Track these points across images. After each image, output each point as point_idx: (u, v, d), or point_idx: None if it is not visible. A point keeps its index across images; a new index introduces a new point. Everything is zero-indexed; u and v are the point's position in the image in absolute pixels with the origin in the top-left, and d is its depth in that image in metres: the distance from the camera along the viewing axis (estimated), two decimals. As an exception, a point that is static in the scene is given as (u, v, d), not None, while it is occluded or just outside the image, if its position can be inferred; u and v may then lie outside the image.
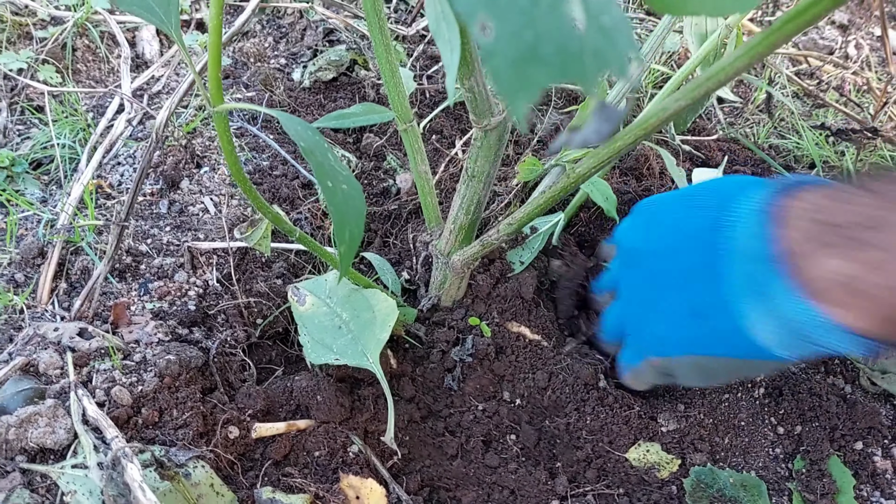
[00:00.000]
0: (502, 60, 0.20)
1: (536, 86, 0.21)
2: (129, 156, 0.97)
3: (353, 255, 0.62)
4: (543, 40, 0.20)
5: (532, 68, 0.21)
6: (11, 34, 1.08)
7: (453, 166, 1.03)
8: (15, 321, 0.77)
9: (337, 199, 0.56)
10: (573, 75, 0.21)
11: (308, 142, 0.55)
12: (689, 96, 0.47)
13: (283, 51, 1.15)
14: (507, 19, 0.20)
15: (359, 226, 0.60)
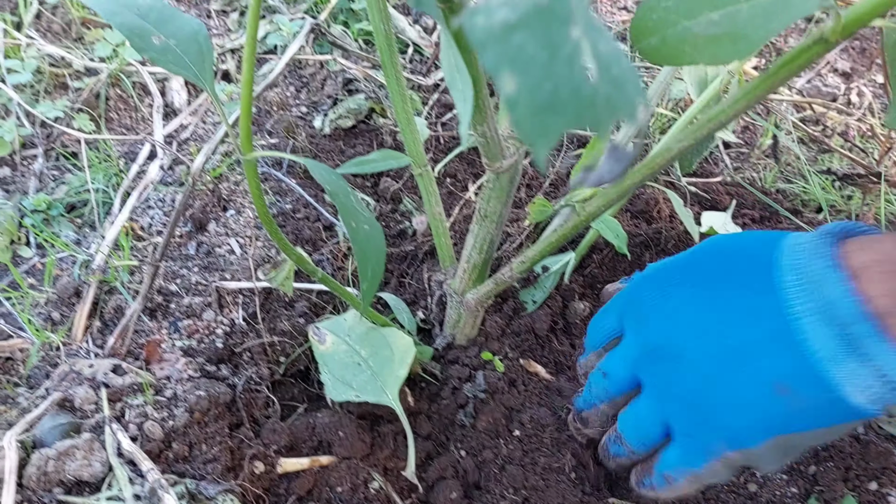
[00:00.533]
0: (524, 110, 0.23)
1: (555, 132, 0.23)
2: (158, 199, 1.01)
3: (375, 290, 0.65)
4: (561, 91, 0.23)
5: (551, 116, 0.23)
6: (49, 84, 1.13)
7: (467, 209, 1.07)
8: (51, 358, 0.81)
9: (360, 238, 0.60)
10: (588, 121, 0.24)
11: (333, 186, 0.59)
12: (692, 136, 0.50)
13: (304, 99, 1.20)
14: (528, 73, 0.23)
15: (380, 263, 0.63)
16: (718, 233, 0.98)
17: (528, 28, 0.23)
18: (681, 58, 0.34)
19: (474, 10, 0.22)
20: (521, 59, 0.23)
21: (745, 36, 0.32)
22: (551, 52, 0.23)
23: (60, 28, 1.23)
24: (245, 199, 1.03)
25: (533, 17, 0.23)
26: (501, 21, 0.23)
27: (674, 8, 0.33)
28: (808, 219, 1.06)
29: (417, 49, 1.28)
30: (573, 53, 0.23)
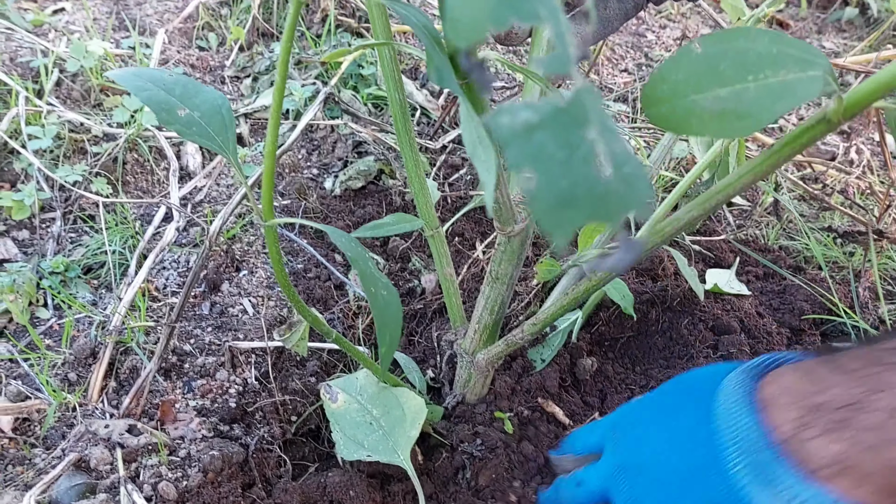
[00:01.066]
0: (543, 204, 0.25)
1: (572, 225, 0.25)
2: (173, 261, 1.04)
3: (393, 354, 0.67)
4: (577, 187, 0.25)
5: (568, 211, 0.25)
6: (68, 149, 1.17)
7: (475, 267, 1.09)
8: (68, 418, 0.82)
9: (378, 304, 0.61)
10: (601, 216, 0.25)
11: (353, 252, 0.61)
12: (700, 208, 0.52)
13: (315, 162, 1.23)
14: (547, 171, 0.25)
15: (397, 328, 0.65)
16: (723, 290, 1.00)
17: (549, 129, 0.25)
18: (688, 128, 0.37)
19: (499, 110, 0.25)
20: (542, 158, 0.25)
21: (751, 114, 0.34)
22: (569, 152, 0.25)
23: (80, 95, 1.27)
24: (258, 260, 1.05)
25: (553, 119, 0.25)
26: (524, 122, 0.25)
27: (683, 81, 0.35)
28: (812, 275, 1.08)
29: (425, 112, 1.32)
30: (589, 153, 0.25)
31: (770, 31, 0.36)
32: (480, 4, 0.24)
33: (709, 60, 0.35)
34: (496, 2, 0.24)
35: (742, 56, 0.35)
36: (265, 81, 1.35)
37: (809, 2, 1.95)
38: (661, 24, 1.76)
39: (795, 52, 0.35)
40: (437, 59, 0.45)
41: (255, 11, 1.46)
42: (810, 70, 0.35)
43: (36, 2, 1.58)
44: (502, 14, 0.24)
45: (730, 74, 0.35)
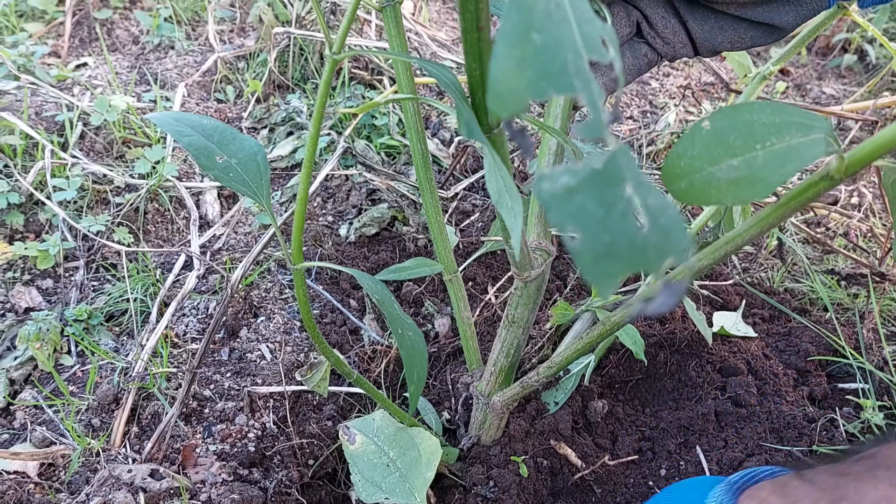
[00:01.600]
0: (586, 258, 0.27)
1: (615, 275, 0.27)
2: (193, 308, 1.07)
3: (421, 392, 0.69)
4: (617, 242, 0.27)
5: (610, 263, 0.27)
6: (91, 200, 1.21)
7: (487, 311, 1.11)
8: (91, 463, 0.84)
9: (406, 345, 0.64)
10: (641, 266, 0.27)
11: (380, 295, 0.64)
12: (710, 257, 0.55)
13: (330, 209, 1.27)
14: (589, 228, 0.27)
15: (423, 366, 0.68)
16: (729, 332, 1.02)
17: (587, 190, 0.27)
18: (708, 199, 0.39)
19: (541, 177, 0.27)
20: (582, 217, 0.27)
21: (762, 179, 0.37)
22: (607, 210, 0.27)
23: (103, 147, 1.32)
24: (275, 306, 1.08)
25: (590, 181, 0.27)
26: (564, 185, 0.27)
27: (699, 156, 0.38)
28: (817, 317, 1.09)
29: (436, 160, 1.35)
30: (626, 209, 0.28)
31: (772, 102, 0.39)
32: (521, 78, 0.27)
33: (718, 135, 0.38)
34: (535, 76, 0.27)
35: (748, 127, 0.38)
36: (281, 132, 1.39)
37: (809, 49, 1.99)
38: (664, 73, 1.80)
39: (797, 118, 0.38)
40: (465, 114, 0.48)
41: (271, 65, 1.51)
42: (812, 134, 0.38)
43: (59, 57, 1.64)
44: (541, 87, 0.27)
45: (739, 145, 0.38)
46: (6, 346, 1.00)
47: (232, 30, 1.75)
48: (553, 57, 0.27)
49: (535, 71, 0.27)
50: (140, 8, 1.80)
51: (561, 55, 0.27)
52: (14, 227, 1.16)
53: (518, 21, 0.27)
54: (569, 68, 0.27)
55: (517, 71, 0.27)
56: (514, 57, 0.27)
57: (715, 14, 0.61)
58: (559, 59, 0.27)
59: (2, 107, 1.31)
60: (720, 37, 0.62)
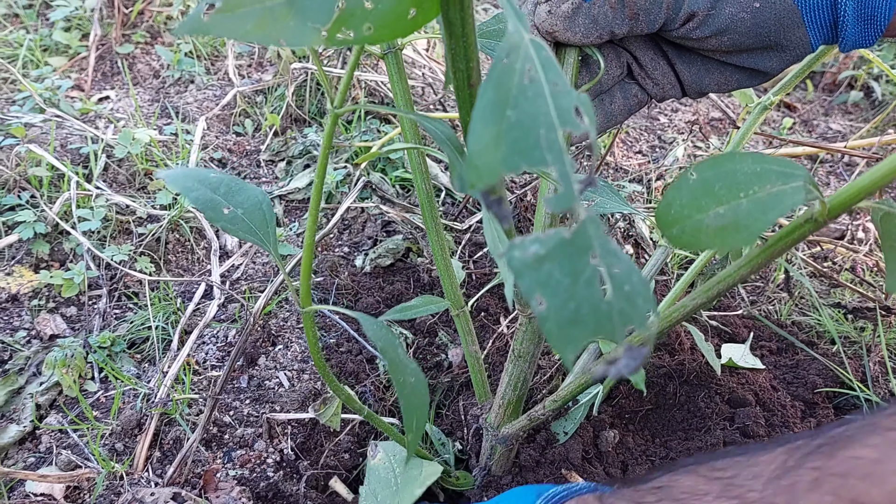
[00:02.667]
0: (552, 324, 0.28)
1: (579, 341, 0.28)
2: (212, 336, 1.09)
3: (419, 439, 0.71)
4: (582, 309, 0.28)
5: (575, 329, 0.28)
6: (114, 230, 1.24)
7: (499, 341, 1.13)
8: (115, 487, 0.86)
9: (406, 392, 0.66)
10: (604, 332, 0.29)
11: (383, 341, 0.66)
12: (704, 296, 0.58)
13: (346, 240, 1.30)
14: (556, 295, 0.28)
15: (423, 414, 0.69)
16: (737, 364, 1.04)
17: (555, 259, 0.29)
18: (699, 244, 0.42)
19: (512, 245, 0.29)
20: (550, 284, 0.29)
21: (747, 227, 0.39)
22: (574, 278, 0.29)
23: (125, 179, 1.36)
24: (292, 335, 1.10)
25: (558, 250, 0.29)
26: (533, 254, 0.29)
27: (688, 204, 0.41)
28: (824, 350, 1.11)
29: (449, 193, 1.39)
30: (591, 277, 0.29)
31: (752, 153, 0.42)
32: (495, 153, 0.28)
33: (705, 184, 0.41)
34: (509, 151, 0.28)
35: (731, 177, 0.40)
36: (299, 164, 1.43)
37: (816, 85, 2.03)
38: (672, 108, 1.84)
39: (777, 167, 0.41)
40: (459, 168, 0.50)
41: (288, 99, 1.55)
42: (792, 182, 0.40)
43: (83, 90, 1.69)
44: (514, 161, 0.28)
45: (724, 194, 0.40)
46: (32, 372, 1.02)
47: (250, 64, 1.80)
48: (526, 133, 0.28)
49: (509, 146, 0.28)
50: (161, 43, 1.85)
51: (534, 130, 0.28)
52: (39, 256, 1.20)
53: (493, 98, 0.29)
54: (541, 142, 0.28)
55: (492, 146, 0.28)
56: (490, 133, 0.28)
57: (702, 58, 0.64)
58: (532, 134, 0.28)
59: (29, 139, 1.35)
60: (707, 79, 0.65)
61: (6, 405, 0.98)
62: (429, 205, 0.76)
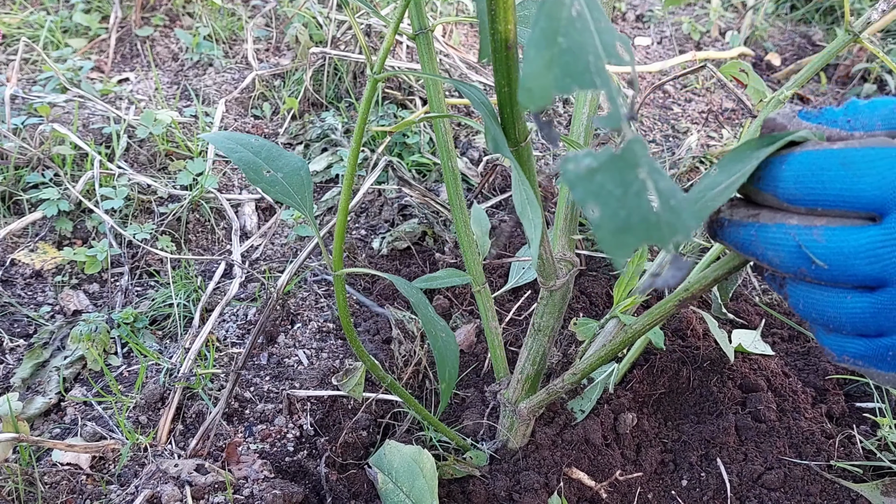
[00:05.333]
0: (605, 231, 0.31)
1: (630, 247, 0.31)
2: (232, 314, 1.11)
3: (453, 387, 0.73)
4: (633, 217, 0.31)
5: (626, 236, 0.31)
6: (136, 209, 1.26)
7: (512, 326, 1.15)
8: (139, 458, 0.88)
9: (439, 345, 0.68)
10: (654, 239, 0.31)
11: (416, 299, 0.68)
12: (726, 267, 0.59)
13: (363, 223, 1.32)
14: (608, 204, 0.31)
15: (454, 366, 0.72)
16: (747, 350, 1.05)
17: (607, 171, 0.31)
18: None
19: (566, 158, 0.32)
20: (602, 194, 0.31)
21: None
22: (624, 189, 0.31)
23: (146, 159, 1.38)
24: (311, 313, 1.12)
25: (609, 163, 0.31)
26: (586, 166, 0.31)
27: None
28: (835, 338, 1.12)
29: (465, 178, 1.40)
30: (641, 189, 0.31)
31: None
32: (548, 76, 0.31)
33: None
34: (561, 73, 0.31)
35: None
36: (316, 148, 1.45)
37: (829, 77, 2.03)
38: (686, 98, 1.85)
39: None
40: (493, 131, 0.52)
41: (307, 83, 1.57)
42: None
43: (103, 72, 1.70)
44: (566, 83, 0.31)
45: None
46: (56, 346, 1.05)
47: (268, 49, 1.81)
48: (577, 58, 0.31)
49: (561, 69, 0.30)
50: (180, 26, 1.87)
51: (584, 56, 0.31)
52: (63, 234, 1.22)
53: (546, 27, 0.31)
54: (591, 68, 0.30)
55: (545, 70, 0.30)
56: (543, 57, 0.31)
57: None
58: (582, 59, 0.31)
59: (52, 118, 1.37)
60: None
61: (32, 378, 1.00)
62: (454, 181, 0.78)
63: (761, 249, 0.44)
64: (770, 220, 0.43)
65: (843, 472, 0.90)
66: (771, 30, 2.15)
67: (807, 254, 0.41)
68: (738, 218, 0.46)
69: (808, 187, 0.41)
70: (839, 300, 0.43)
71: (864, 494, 0.87)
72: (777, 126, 0.45)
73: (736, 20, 2.16)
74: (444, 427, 0.88)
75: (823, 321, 0.45)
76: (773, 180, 0.43)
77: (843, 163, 0.40)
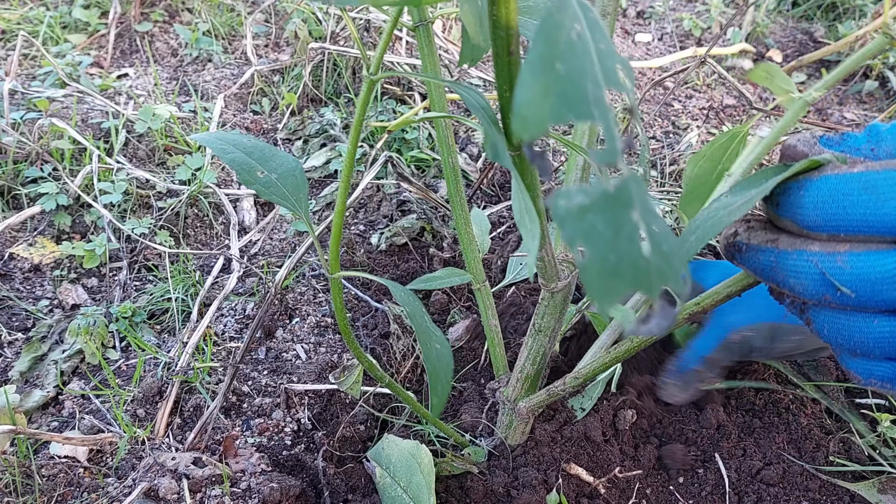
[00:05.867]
0: (593, 275, 0.29)
1: (617, 293, 0.29)
2: (231, 309, 1.11)
3: (444, 403, 0.72)
4: (622, 262, 0.29)
5: (614, 281, 0.29)
6: (135, 204, 1.26)
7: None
8: (137, 451, 0.88)
9: (432, 357, 0.68)
10: (642, 287, 0.30)
11: (411, 307, 0.67)
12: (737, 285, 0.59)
13: (361, 219, 1.31)
14: (597, 247, 0.29)
15: (448, 380, 0.71)
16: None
17: (599, 211, 0.30)
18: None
19: (558, 194, 0.30)
20: (592, 235, 0.29)
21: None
22: (616, 231, 0.30)
23: (145, 154, 1.38)
24: (309, 308, 1.12)
25: (602, 203, 0.30)
26: (577, 204, 0.30)
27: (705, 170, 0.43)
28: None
29: (465, 175, 1.40)
30: (633, 232, 0.30)
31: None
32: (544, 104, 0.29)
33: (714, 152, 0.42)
34: (558, 102, 0.29)
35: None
36: (315, 144, 1.44)
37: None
38: (687, 95, 1.84)
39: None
40: (493, 137, 0.51)
41: (305, 79, 1.56)
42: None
43: (102, 67, 1.70)
44: (562, 112, 0.29)
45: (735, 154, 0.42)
46: (54, 340, 1.04)
47: (267, 45, 1.81)
48: (574, 86, 0.29)
49: (558, 98, 0.29)
50: (179, 22, 1.87)
51: (582, 84, 0.29)
52: (61, 228, 1.22)
53: (544, 51, 0.29)
54: (588, 97, 0.29)
55: (541, 97, 0.29)
56: (539, 84, 0.29)
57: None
58: (580, 87, 0.29)
59: (51, 113, 1.37)
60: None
61: (30, 371, 1.00)
62: (454, 177, 0.77)
63: (782, 276, 0.44)
64: (790, 246, 0.43)
65: (843, 469, 0.90)
66: (772, 26, 2.15)
67: (830, 281, 0.41)
68: (757, 242, 0.45)
69: (830, 213, 0.41)
70: (866, 325, 0.42)
71: (861, 493, 0.87)
72: (798, 154, 0.44)
73: (737, 16, 2.16)
74: (441, 424, 0.88)
75: (850, 346, 0.44)
76: (792, 206, 0.42)
77: (865, 187, 0.40)
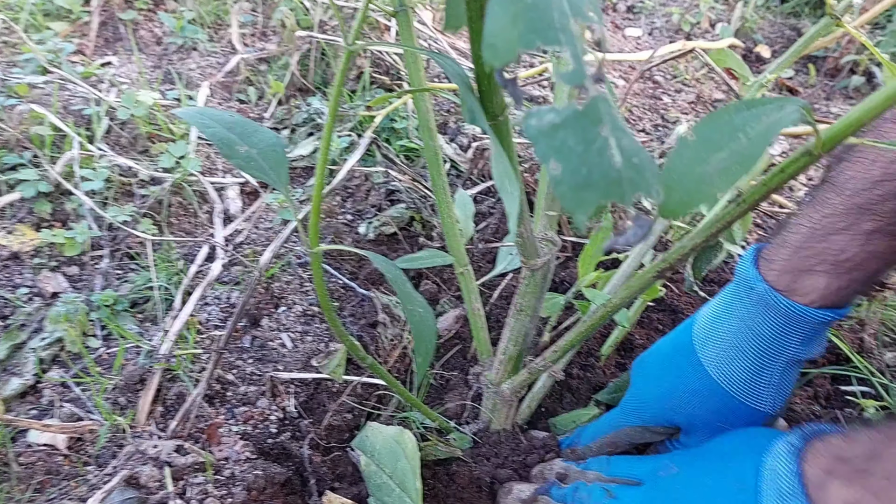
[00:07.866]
0: (566, 187, 0.31)
1: (590, 204, 0.31)
2: (215, 297, 1.09)
3: (428, 364, 0.73)
4: (593, 173, 0.31)
5: (586, 192, 0.31)
6: (117, 192, 1.24)
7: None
8: (118, 439, 0.86)
9: (415, 320, 0.68)
10: (615, 196, 0.31)
11: (392, 274, 0.67)
12: (702, 235, 0.59)
13: (349, 208, 1.30)
14: (569, 160, 0.31)
15: (431, 341, 0.71)
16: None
17: (569, 128, 0.31)
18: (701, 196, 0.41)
19: (529, 114, 0.31)
20: (564, 150, 0.31)
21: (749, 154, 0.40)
22: (586, 146, 0.31)
23: (128, 141, 1.35)
24: (295, 296, 1.11)
25: (572, 120, 0.31)
26: (549, 122, 0.31)
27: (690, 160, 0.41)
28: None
29: (454, 165, 1.39)
30: (602, 146, 0.31)
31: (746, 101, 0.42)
32: (513, 32, 0.31)
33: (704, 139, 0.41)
34: (526, 29, 0.31)
35: (729, 125, 0.41)
36: (302, 133, 1.43)
37: (818, 70, 2.03)
38: (676, 89, 1.84)
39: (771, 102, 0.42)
40: (469, 102, 0.52)
41: (293, 68, 1.55)
42: (787, 106, 0.41)
43: (85, 55, 1.68)
44: (530, 39, 0.31)
45: (724, 140, 0.41)
46: (34, 328, 1.02)
47: (254, 33, 1.79)
48: (542, 14, 0.31)
49: (526, 25, 0.30)
50: (164, 10, 1.84)
51: (549, 13, 0.31)
52: (41, 216, 1.19)
53: None
54: (556, 24, 0.30)
55: (510, 25, 0.30)
56: (508, 13, 0.31)
57: None
58: (547, 16, 0.31)
59: (31, 99, 1.34)
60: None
61: (8, 359, 0.98)
62: (435, 160, 0.76)
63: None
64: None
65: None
66: (761, 22, 2.15)
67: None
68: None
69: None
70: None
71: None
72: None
73: (726, 12, 2.16)
74: (425, 408, 0.86)
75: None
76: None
77: None
